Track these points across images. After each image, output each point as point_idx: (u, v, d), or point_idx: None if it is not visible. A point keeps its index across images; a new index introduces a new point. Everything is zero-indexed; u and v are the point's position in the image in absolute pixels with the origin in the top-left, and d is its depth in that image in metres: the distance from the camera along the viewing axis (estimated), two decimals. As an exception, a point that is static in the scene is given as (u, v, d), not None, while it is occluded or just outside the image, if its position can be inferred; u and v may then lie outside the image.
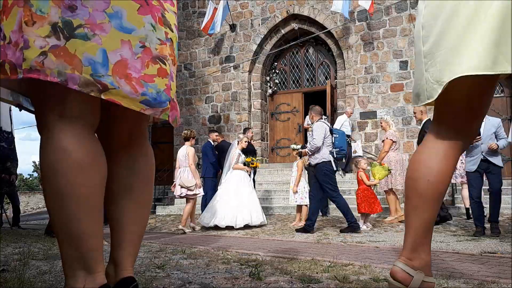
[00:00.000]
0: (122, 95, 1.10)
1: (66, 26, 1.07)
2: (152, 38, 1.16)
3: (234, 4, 12.72)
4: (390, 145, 7.24)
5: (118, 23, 1.11)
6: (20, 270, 2.12)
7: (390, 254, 4.07)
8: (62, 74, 1.06)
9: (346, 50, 11.41)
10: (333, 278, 2.42)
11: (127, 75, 1.11)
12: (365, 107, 11.07)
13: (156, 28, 1.18)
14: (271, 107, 13.11)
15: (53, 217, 1.15)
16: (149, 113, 1.17)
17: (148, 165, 1.38)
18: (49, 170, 1.12)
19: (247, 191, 7.37)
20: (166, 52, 1.20)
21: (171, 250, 3.90)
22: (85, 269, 1.16)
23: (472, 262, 3.54)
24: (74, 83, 1.07)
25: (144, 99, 1.13)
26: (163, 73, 1.18)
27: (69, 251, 1.15)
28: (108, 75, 1.08)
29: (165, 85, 1.18)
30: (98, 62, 1.08)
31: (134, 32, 1.13)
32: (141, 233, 1.38)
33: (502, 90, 10.39)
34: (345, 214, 6.22)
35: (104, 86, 1.08)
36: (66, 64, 1.06)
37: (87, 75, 1.07)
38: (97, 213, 1.16)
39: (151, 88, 1.14)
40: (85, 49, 1.07)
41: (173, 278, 2.22)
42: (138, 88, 1.12)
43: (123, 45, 1.11)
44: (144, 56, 1.14)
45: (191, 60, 13.44)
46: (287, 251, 4.12)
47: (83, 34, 1.08)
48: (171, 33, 1.23)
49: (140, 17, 1.14)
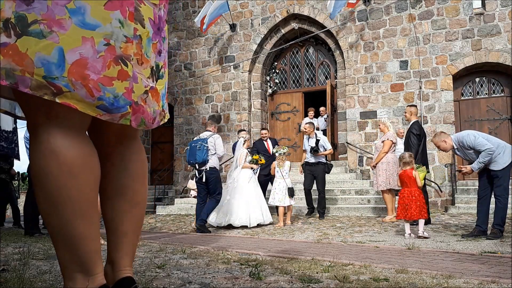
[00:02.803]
0: (77, 99, 1.02)
1: (19, 21, 0.98)
2: (118, 36, 1.07)
3: (234, 4, 12.71)
4: (390, 146, 7.30)
5: (80, 19, 1.01)
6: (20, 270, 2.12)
7: (390, 254, 4.07)
8: (11, 76, 0.97)
9: (346, 50, 11.40)
10: (333, 278, 2.42)
11: (84, 77, 1.02)
12: (365, 107, 11.07)
13: (124, 24, 1.08)
14: (271, 107, 13.11)
15: (47, 221, 1.11)
16: (106, 119, 1.09)
17: (140, 164, 1.34)
18: (39, 174, 1.08)
19: (255, 191, 7.54)
20: (131, 51, 1.11)
21: (171, 250, 3.90)
22: (83, 272, 1.13)
23: (472, 262, 3.54)
24: (25, 86, 0.98)
25: (101, 104, 1.05)
26: (123, 76, 1.09)
27: (66, 254, 1.12)
28: (63, 76, 1.00)
29: (125, 89, 1.09)
30: (52, 63, 0.99)
31: (99, 29, 1.04)
32: (138, 232, 1.35)
33: (502, 90, 10.39)
34: None
35: (58, 89, 1.00)
36: (15, 65, 0.97)
37: (39, 77, 0.98)
38: (92, 215, 1.13)
39: (108, 93, 1.06)
40: (38, 48, 0.98)
41: (173, 277, 2.22)
42: (94, 92, 1.04)
43: (84, 42, 1.02)
44: (107, 55, 1.05)
45: (191, 59, 13.44)
46: (287, 251, 4.12)
47: (38, 31, 0.98)
48: (141, 29, 1.14)
49: (107, 13, 1.05)
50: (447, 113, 10.25)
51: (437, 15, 10.49)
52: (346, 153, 11.33)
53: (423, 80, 10.53)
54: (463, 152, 5.44)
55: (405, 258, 3.76)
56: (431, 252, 4.16)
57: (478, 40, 10.11)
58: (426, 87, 10.50)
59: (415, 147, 6.82)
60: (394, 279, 2.58)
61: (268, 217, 7.46)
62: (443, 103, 10.32)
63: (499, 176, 5.21)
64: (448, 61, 10.34)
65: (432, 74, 10.47)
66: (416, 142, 6.81)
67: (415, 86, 10.60)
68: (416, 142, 6.81)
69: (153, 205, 11.80)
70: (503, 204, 5.16)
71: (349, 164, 11.12)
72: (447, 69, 10.34)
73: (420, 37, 10.59)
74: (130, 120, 1.13)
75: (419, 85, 10.55)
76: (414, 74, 10.63)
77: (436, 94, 10.41)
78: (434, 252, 4.19)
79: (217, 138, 7.00)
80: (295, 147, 12.27)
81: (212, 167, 6.83)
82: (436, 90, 10.41)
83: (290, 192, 7.22)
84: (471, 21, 10.19)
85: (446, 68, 10.35)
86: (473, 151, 5.28)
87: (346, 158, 11.33)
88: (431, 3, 10.57)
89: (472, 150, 5.29)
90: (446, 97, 10.32)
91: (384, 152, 7.27)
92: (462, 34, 10.25)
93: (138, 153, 1.34)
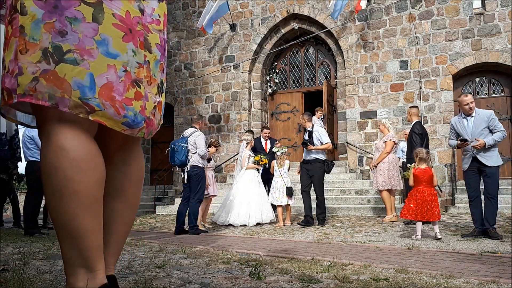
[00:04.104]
0: (107, 117, 1.19)
1: (56, 50, 1.14)
2: (133, 63, 1.25)
3: (234, 4, 12.71)
4: (392, 146, 7.33)
5: (105, 49, 1.19)
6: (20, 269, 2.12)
7: (390, 254, 4.07)
8: (52, 98, 1.14)
9: (346, 50, 11.40)
10: (333, 278, 2.42)
11: (112, 98, 1.19)
12: (365, 106, 11.07)
13: (137, 52, 1.26)
14: (271, 106, 13.11)
15: (53, 215, 1.18)
16: (128, 133, 1.27)
17: (138, 169, 1.44)
18: (49, 169, 1.16)
19: (257, 191, 7.61)
20: (142, 75, 1.28)
21: (171, 249, 3.90)
22: (86, 267, 1.18)
23: (472, 262, 3.54)
24: (64, 106, 1.14)
25: (125, 121, 1.23)
26: (138, 96, 1.27)
27: (69, 249, 1.18)
28: (95, 97, 1.16)
29: (140, 107, 1.27)
30: (86, 86, 1.15)
31: (119, 58, 1.21)
32: (127, 234, 1.45)
33: (502, 90, 10.39)
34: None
35: (91, 108, 1.16)
36: (56, 88, 1.13)
37: (76, 98, 1.14)
38: (96, 211, 1.20)
39: (130, 111, 1.24)
40: (74, 73, 1.14)
41: (173, 277, 2.22)
42: (120, 110, 1.21)
43: (109, 69, 1.19)
44: (126, 80, 1.23)
45: (191, 59, 13.43)
46: (287, 251, 4.12)
47: (73, 59, 1.14)
48: (149, 55, 1.31)
49: (124, 44, 1.23)
50: (447, 113, 10.25)
51: (437, 15, 10.49)
52: (346, 153, 11.34)
53: (423, 80, 10.53)
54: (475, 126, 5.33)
55: (405, 258, 3.76)
56: (431, 252, 4.16)
57: (478, 40, 10.11)
58: (426, 87, 10.50)
59: (417, 147, 6.85)
60: (394, 279, 2.58)
61: (268, 215, 7.51)
62: (443, 103, 10.32)
63: (490, 175, 5.21)
64: (448, 61, 10.34)
65: (432, 74, 10.47)
66: (418, 142, 6.87)
67: (415, 86, 10.60)
68: (418, 142, 6.87)
69: (153, 205, 11.79)
70: (496, 204, 5.22)
71: (349, 164, 11.12)
72: (447, 69, 10.34)
73: (420, 37, 10.58)
74: (144, 133, 1.33)
75: (419, 85, 10.55)
76: (414, 74, 10.63)
77: (436, 94, 10.41)
78: (434, 252, 4.19)
79: (197, 136, 6.70)
80: (295, 147, 12.27)
81: (193, 165, 6.62)
82: (436, 90, 10.41)
83: (288, 192, 7.22)
84: (471, 21, 10.19)
85: (446, 68, 10.35)
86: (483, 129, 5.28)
87: (346, 158, 11.33)
88: (431, 3, 10.57)
89: (487, 127, 5.28)
90: (446, 97, 10.32)
91: (387, 152, 7.31)
92: (462, 34, 10.25)
93: (138, 158, 1.45)
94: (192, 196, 6.66)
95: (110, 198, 1.36)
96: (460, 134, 5.47)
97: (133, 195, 1.42)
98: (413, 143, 6.90)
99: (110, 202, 1.36)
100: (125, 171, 1.41)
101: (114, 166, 1.39)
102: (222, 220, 7.48)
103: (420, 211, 5.14)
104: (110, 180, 1.36)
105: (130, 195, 1.41)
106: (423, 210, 5.13)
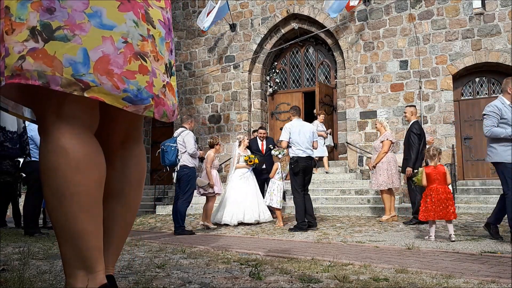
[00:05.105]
0: (104, 92, 1.10)
1: (45, 28, 1.08)
2: (134, 34, 1.16)
3: (234, 4, 12.71)
4: (389, 145, 7.32)
5: (98, 21, 1.11)
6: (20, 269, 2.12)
7: (390, 254, 4.07)
8: (42, 77, 1.07)
9: (346, 50, 11.40)
10: (333, 278, 2.42)
11: (108, 71, 1.10)
12: (365, 106, 11.07)
13: (139, 24, 1.18)
14: (271, 106, 13.11)
15: (53, 215, 1.16)
16: (132, 110, 1.16)
17: (139, 170, 1.40)
18: (48, 169, 1.14)
19: (248, 189, 7.65)
20: (148, 49, 1.20)
21: (171, 249, 3.90)
22: (85, 269, 1.16)
23: (472, 262, 3.54)
24: (56, 84, 1.07)
25: (126, 96, 1.13)
26: (144, 70, 1.17)
27: (69, 250, 1.16)
28: (90, 73, 1.08)
29: (146, 82, 1.17)
30: (78, 62, 1.08)
31: (116, 28, 1.13)
32: (126, 235, 1.41)
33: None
34: None
35: (86, 85, 1.08)
36: (45, 66, 1.07)
37: (69, 76, 1.07)
38: (96, 212, 1.17)
39: (132, 85, 1.14)
40: (65, 50, 1.08)
41: (173, 277, 2.22)
42: (119, 84, 1.11)
43: (104, 41, 1.11)
44: (126, 52, 1.14)
45: (191, 59, 13.43)
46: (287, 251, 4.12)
47: (63, 36, 1.08)
48: (153, 30, 1.23)
49: (121, 14, 1.15)
50: (447, 113, 10.25)
51: (437, 15, 10.49)
52: (346, 153, 11.34)
53: (423, 80, 10.53)
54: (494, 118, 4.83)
55: (405, 258, 3.76)
56: (431, 252, 4.16)
57: (478, 40, 10.11)
58: (426, 87, 10.50)
59: (415, 147, 6.86)
60: (394, 279, 2.58)
61: (264, 214, 7.57)
62: (443, 103, 10.32)
63: (497, 171, 4.87)
64: (448, 61, 10.34)
65: (432, 74, 10.47)
66: (416, 142, 6.87)
67: (415, 86, 10.60)
68: (416, 142, 6.87)
69: (153, 205, 11.79)
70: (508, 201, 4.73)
71: (349, 164, 11.12)
72: (447, 69, 10.34)
73: (420, 37, 10.58)
74: (153, 112, 1.21)
75: (419, 85, 10.55)
76: (414, 74, 10.63)
77: (436, 94, 10.41)
78: (434, 252, 4.19)
79: (186, 135, 6.67)
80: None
81: (183, 165, 6.57)
82: (436, 90, 10.41)
83: (284, 195, 7.37)
84: (471, 21, 10.19)
85: (446, 68, 10.35)
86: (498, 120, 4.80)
87: (346, 158, 11.33)
88: (431, 3, 10.57)
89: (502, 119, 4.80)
90: (446, 97, 10.32)
91: (384, 152, 7.30)
92: (462, 34, 10.25)
93: (139, 158, 1.40)
94: (180, 197, 6.58)
95: (109, 200, 1.33)
96: (505, 121, 4.80)
97: (132, 197, 1.38)
98: (411, 143, 6.91)
99: (109, 203, 1.33)
100: (125, 173, 1.36)
101: (114, 168, 1.34)
102: (218, 220, 7.57)
103: (435, 210, 4.98)
104: (109, 181, 1.31)
105: (130, 197, 1.37)
106: (438, 209, 4.97)
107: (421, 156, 6.85)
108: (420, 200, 6.80)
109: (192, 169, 6.67)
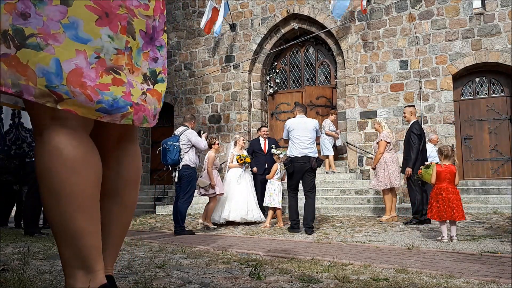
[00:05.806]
0: (77, 105, 1.09)
1: (17, 34, 1.05)
2: (109, 49, 1.15)
3: (234, 4, 12.71)
4: (384, 146, 7.32)
5: (74, 34, 1.09)
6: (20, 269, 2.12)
7: (390, 254, 4.07)
8: (16, 85, 1.05)
9: (346, 50, 11.40)
10: (333, 278, 2.42)
11: (82, 84, 1.09)
12: (365, 106, 11.07)
13: (115, 38, 1.16)
14: (271, 106, 13.11)
15: (50, 216, 1.16)
16: (107, 120, 1.15)
17: (134, 170, 1.39)
18: (43, 169, 1.13)
19: (240, 189, 7.67)
20: (122, 62, 1.19)
21: (171, 249, 3.90)
22: (84, 268, 1.16)
23: (472, 262, 3.54)
24: (29, 94, 1.06)
25: (100, 106, 1.12)
26: (118, 82, 1.16)
27: (67, 250, 1.16)
28: (63, 84, 1.07)
29: (123, 92, 1.16)
30: (51, 72, 1.06)
31: (90, 43, 1.11)
32: (123, 235, 1.41)
33: (502, 90, 10.39)
34: None
35: (59, 97, 1.07)
36: (19, 75, 1.05)
37: (42, 86, 1.06)
38: (93, 211, 1.17)
39: (107, 96, 1.12)
40: (37, 59, 1.05)
41: (173, 277, 2.22)
42: (93, 96, 1.10)
43: (78, 54, 1.09)
44: (98, 67, 1.13)
45: (191, 59, 13.43)
46: (287, 251, 4.12)
47: (35, 44, 1.06)
48: (132, 41, 1.22)
49: (98, 28, 1.12)
50: (447, 113, 10.25)
51: (437, 15, 10.49)
52: (346, 153, 11.33)
53: (423, 80, 10.53)
54: None
55: (405, 258, 3.76)
56: (431, 252, 4.16)
57: (478, 40, 10.11)
58: (426, 87, 10.50)
59: (416, 147, 6.87)
60: (394, 279, 2.58)
61: (254, 214, 7.58)
62: (443, 103, 10.32)
63: None
64: (448, 61, 10.34)
65: (432, 74, 10.47)
66: (417, 142, 6.88)
67: (415, 86, 10.60)
68: (417, 142, 6.88)
69: (153, 205, 11.79)
70: None
71: (349, 164, 11.12)
72: (447, 69, 10.34)
73: (420, 37, 10.58)
74: (132, 120, 1.20)
75: (419, 85, 10.55)
76: (414, 74, 10.63)
77: (436, 94, 10.41)
78: (434, 252, 4.19)
79: (190, 135, 6.61)
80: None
81: (185, 165, 6.53)
82: (436, 90, 10.41)
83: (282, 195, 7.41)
84: (471, 21, 10.19)
85: (446, 68, 10.35)
86: None
87: (346, 158, 11.33)
88: (431, 3, 10.57)
89: None
90: (446, 97, 10.32)
91: (380, 153, 7.32)
92: (462, 34, 10.25)
93: (134, 158, 1.39)
94: (181, 197, 6.56)
95: (105, 200, 1.32)
96: None
97: (128, 196, 1.37)
98: (411, 143, 6.91)
99: (105, 203, 1.33)
100: (120, 172, 1.35)
101: (109, 167, 1.34)
102: (216, 219, 7.60)
103: (444, 210, 4.96)
104: (105, 181, 1.31)
105: (126, 196, 1.36)
106: (447, 210, 4.95)
107: (421, 156, 6.86)
108: (420, 200, 6.81)
109: (193, 169, 6.66)
